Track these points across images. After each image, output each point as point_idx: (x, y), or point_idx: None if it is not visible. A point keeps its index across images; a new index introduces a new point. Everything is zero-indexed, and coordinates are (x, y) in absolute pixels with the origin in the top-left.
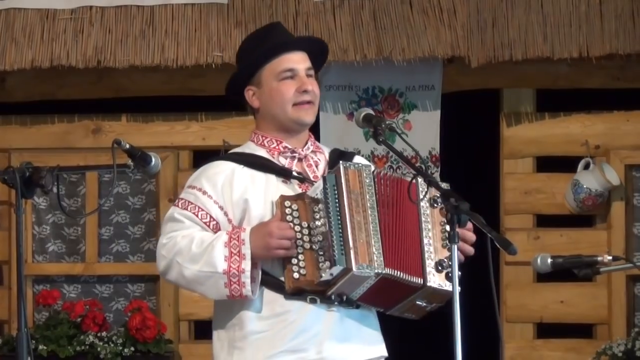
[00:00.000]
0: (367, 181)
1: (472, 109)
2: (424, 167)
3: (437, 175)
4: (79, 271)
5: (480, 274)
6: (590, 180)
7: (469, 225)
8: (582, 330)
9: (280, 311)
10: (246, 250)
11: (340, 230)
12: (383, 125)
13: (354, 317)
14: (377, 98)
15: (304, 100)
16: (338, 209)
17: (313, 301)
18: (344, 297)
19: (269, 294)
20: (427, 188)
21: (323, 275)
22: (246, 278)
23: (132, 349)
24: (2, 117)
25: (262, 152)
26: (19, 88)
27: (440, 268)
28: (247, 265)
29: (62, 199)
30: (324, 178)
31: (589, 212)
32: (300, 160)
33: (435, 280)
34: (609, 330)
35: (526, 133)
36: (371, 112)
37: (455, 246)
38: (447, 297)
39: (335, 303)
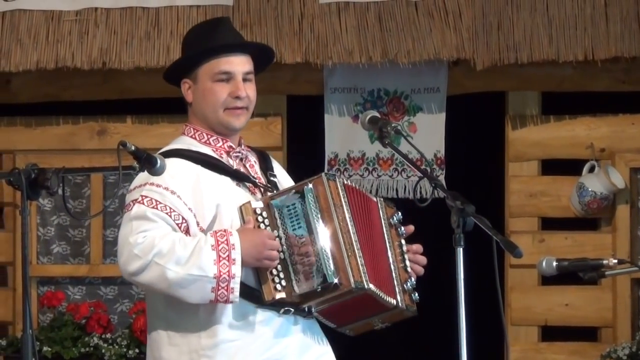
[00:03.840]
0: (342, 193)
1: (478, 112)
2: (429, 170)
3: (442, 178)
4: (83, 273)
5: (485, 276)
6: (595, 183)
7: (419, 248)
8: (586, 334)
9: (253, 320)
10: (236, 255)
11: (330, 245)
12: (389, 128)
13: (310, 326)
14: (383, 100)
15: (236, 105)
16: (324, 222)
17: (287, 312)
18: (311, 309)
19: (241, 303)
20: (432, 190)
21: (307, 288)
22: (235, 283)
23: (137, 350)
24: (7, 118)
25: (207, 151)
26: (24, 89)
27: (404, 288)
28: (237, 270)
29: (67, 200)
30: (303, 189)
31: (594, 215)
32: (241, 160)
33: (403, 301)
34: (613, 334)
35: (531, 136)
36: (377, 114)
37: (460, 249)
38: (404, 318)
39: (304, 314)
